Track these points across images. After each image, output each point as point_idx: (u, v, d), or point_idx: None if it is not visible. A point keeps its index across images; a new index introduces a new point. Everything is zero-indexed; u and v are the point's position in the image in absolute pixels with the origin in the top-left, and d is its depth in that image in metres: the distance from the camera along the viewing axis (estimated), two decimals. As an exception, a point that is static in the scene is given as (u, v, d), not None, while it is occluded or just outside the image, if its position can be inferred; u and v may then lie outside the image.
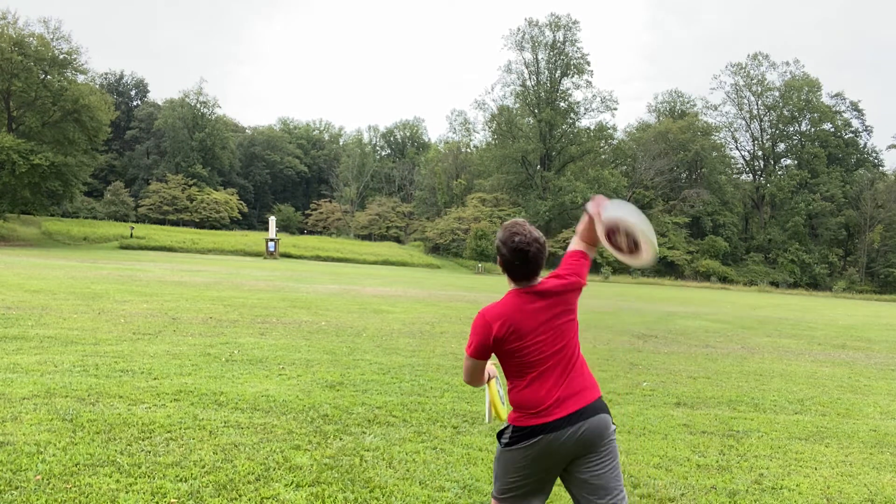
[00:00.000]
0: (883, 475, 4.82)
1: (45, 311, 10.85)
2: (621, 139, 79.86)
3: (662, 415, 6.31)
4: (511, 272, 2.61)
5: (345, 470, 4.18)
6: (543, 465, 2.55)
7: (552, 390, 2.54)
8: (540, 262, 2.60)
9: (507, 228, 2.61)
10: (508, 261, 2.58)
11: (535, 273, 2.62)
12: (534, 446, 2.52)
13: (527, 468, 2.55)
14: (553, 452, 2.51)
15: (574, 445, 2.51)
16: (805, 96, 76.54)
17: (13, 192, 46.40)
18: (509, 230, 2.59)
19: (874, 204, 70.03)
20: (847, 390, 8.43)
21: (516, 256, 2.55)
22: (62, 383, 5.91)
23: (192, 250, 52.02)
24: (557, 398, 2.53)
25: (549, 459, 2.53)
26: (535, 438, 2.52)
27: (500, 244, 2.59)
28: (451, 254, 69.42)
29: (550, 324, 2.59)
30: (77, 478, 3.76)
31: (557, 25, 71.47)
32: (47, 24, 49.56)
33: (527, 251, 2.54)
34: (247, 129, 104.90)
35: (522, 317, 2.58)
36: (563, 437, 2.49)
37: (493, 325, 2.55)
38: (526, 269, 2.58)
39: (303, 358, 8.08)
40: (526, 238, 2.55)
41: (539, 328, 2.57)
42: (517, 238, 2.55)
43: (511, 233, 2.57)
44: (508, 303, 2.61)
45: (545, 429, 2.51)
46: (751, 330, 16.60)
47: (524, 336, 2.56)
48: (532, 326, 2.57)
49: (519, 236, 2.55)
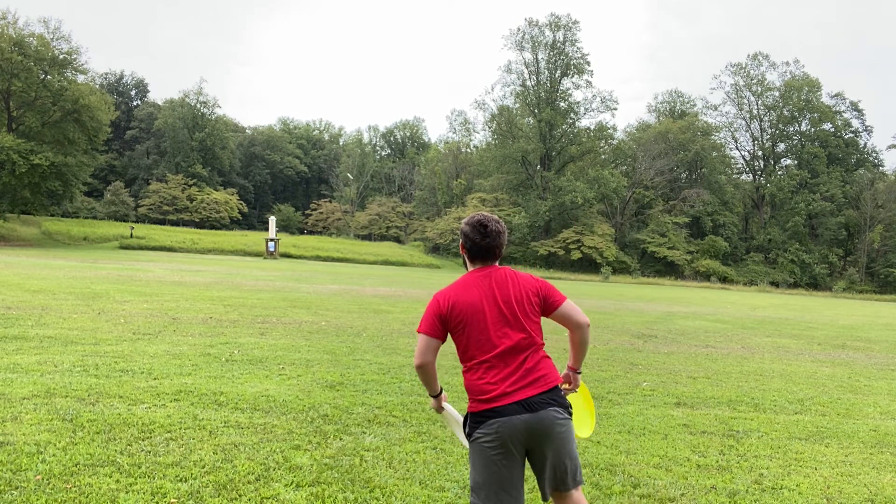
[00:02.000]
0: (883, 475, 4.82)
1: (45, 311, 10.85)
2: (621, 139, 79.81)
3: (662, 415, 6.31)
4: (471, 249, 2.78)
5: (345, 470, 4.18)
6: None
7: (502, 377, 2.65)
8: (499, 241, 2.76)
9: (470, 216, 2.86)
10: (469, 237, 2.76)
11: (494, 252, 2.76)
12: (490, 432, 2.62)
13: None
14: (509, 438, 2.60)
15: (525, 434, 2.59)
16: (805, 96, 76.49)
17: (13, 192, 46.39)
18: (471, 216, 2.85)
19: (874, 204, 70.01)
20: (847, 390, 8.43)
21: (477, 230, 2.74)
22: (62, 383, 5.91)
23: (192, 250, 52.00)
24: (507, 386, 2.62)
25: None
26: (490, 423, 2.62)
27: (463, 225, 2.82)
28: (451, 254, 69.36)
29: (505, 301, 2.69)
30: (77, 478, 3.76)
31: (557, 25, 71.44)
32: (47, 24, 49.61)
33: (486, 224, 2.75)
34: (247, 129, 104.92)
35: (467, 292, 2.70)
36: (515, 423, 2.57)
37: (441, 302, 2.71)
38: (485, 242, 2.74)
39: (303, 358, 8.08)
40: (486, 217, 2.79)
41: (489, 302, 2.68)
42: (477, 216, 2.80)
43: (472, 216, 2.84)
44: (464, 280, 2.75)
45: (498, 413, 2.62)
46: (751, 330, 16.59)
47: (471, 310, 2.68)
48: (478, 301, 2.68)
49: (479, 216, 2.80)
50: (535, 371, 2.64)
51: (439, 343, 2.77)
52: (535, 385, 2.61)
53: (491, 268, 2.77)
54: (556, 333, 12.75)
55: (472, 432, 2.63)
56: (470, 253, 2.79)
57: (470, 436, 2.64)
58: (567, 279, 54.87)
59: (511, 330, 2.65)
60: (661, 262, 67.37)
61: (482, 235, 2.74)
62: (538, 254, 65.48)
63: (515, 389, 2.59)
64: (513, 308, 2.68)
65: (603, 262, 63.05)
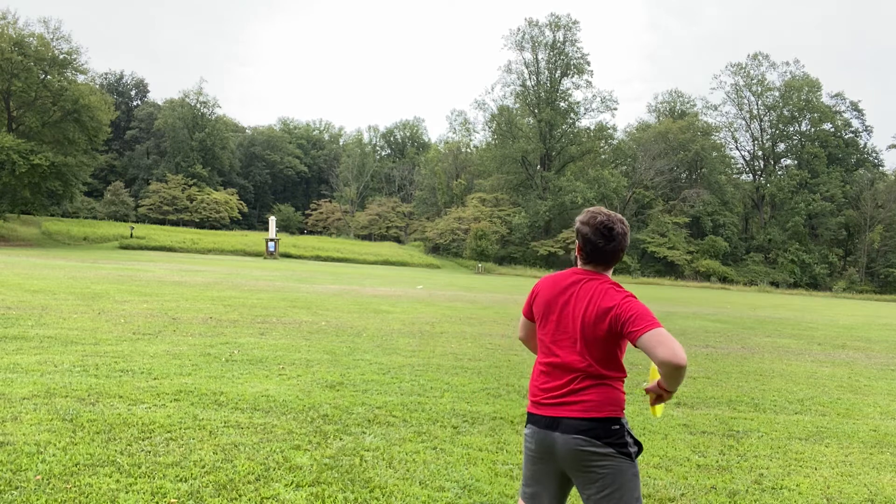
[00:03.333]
0: (883, 475, 4.82)
1: (45, 311, 10.85)
2: (621, 139, 79.81)
3: (662, 415, 6.31)
4: (590, 253, 2.49)
5: (345, 470, 4.18)
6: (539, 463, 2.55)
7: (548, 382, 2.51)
8: (624, 244, 2.49)
9: (587, 213, 2.54)
10: (591, 241, 2.46)
11: (616, 256, 2.50)
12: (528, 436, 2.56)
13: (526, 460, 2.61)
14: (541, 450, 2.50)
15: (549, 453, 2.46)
16: (805, 96, 76.48)
17: (13, 192, 46.39)
18: (590, 213, 2.52)
19: (874, 204, 70.00)
20: (847, 390, 8.43)
21: (601, 234, 2.45)
22: (62, 383, 5.91)
23: (192, 250, 51.99)
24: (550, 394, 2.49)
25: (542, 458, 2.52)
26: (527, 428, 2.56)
27: (581, 225, 2.50)
28: (451, 254, 69.38)
29: (574, 314, 2.45)
30: (77, 478, 3.76)
31: (557, 25, 71.43)
32: (47, 24, 49.61)
33: (612, 227, 2.46)
34: (247, 129, 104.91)
35: (550, 288, 2.56)
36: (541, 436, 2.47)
37: (535, 287, 2.64)
38: (609, 247, 2.46)
39: (303, 358, 8.08)
40: (611, 217, 2.49)
41: (560, 308, 2.51)
42: (601, 217, 2.48)
43: (592, 214, 2.51)
44: (556, 274, 2.62)
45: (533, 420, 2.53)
46: (751, 330, 16.59)
47: (546, 308, 2.56)
48: (554, 301, 2.53)
49: (602, 215, 2.48)
50: (580, 394, 2.39)
51: (532, 324, 2.66)
52: (569, 407, 2.39)
53: (590, 274, 2.49)
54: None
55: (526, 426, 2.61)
56: (588, 257, 2.50)
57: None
58: (567, 279, 54.77)
59: (565, 348, 2.44)
60: (661, 262, 67.37)
61: (607, 240, 2.44)
62: (538, 254, 65.48)
63: (550, 403, 2.43)
64: (576, 327, 2.42)
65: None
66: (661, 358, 2.21)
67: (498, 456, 4.65)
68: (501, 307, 18.70)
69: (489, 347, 10.20)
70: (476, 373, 7.87)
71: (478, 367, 8.33)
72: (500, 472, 4.33)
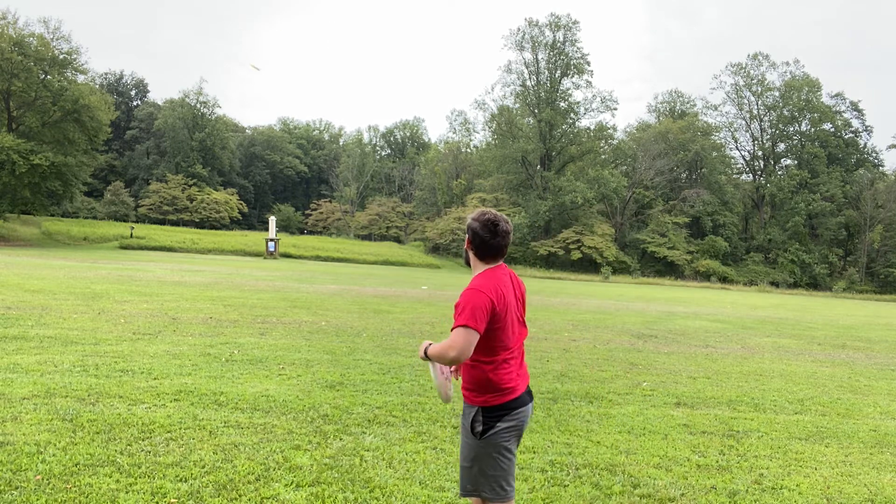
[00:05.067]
0: (883, 475, 4.82)
1: (45, 311, 10.85)
2: (621, 139, 79.78)
3: (662, 415, 6.31)
4: (479, 247, 2.79)
5: (345, 470, 4.18)
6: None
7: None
8: (508, 241, 2.82)
9: (478, 211, 2.88)
10: (480, 235, 2.78)
11: (504, 251, 2.82)
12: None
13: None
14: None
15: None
16: (805, 96, 76.44)
17: (13, 192, 46.35)
18: (480, 212, 2.86)
19: (874, 204, 69.98)
20: (847, 390, 8.43)
21: (488, 229, 2.77)
22: (62, 383, 5.91)
23: (192, 250, 51.98)
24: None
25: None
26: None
27: (472, 221, 2.83)
28: (451, 254, 69.37)
29: (518, 301, 2.88)
30: (77, 478, 3.76)
31: (557, 25, 71.39)
32: (47, 24, 49.55)
33: (497, 223, 2.78)
34: (247, 129, 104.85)
35: (503, 288, 2.78)
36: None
37: (492, 297, 2.72)
38: (495, 241, 2.77)
39: (303, 358, 8.08)
40: (497, 215, 2.82)
41: (511, 304, 2.80)
42: (488, 214, 2.82)
43: (480, 212, 2.85)
44: (491, 276, 2.76)
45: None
46: (751, 330, 16.59)
47: (507, 307, 2.78)
48: (510, 300, 2.81)
49: (490, 214, 2.82)
50: (524, 364, 2.91)
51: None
52: (526, 376, 2.89)
53: (503, 266, 2.86)
54: (555, 334, 12.74)
55: (492, 426, 2.67)
56: (479, 251, 2.81)
57: (485, 432, 2.68)
58: (567, 279, 54.86)
59: (521, 327, 2.87)
60: (661, 262, 67.35)
61: (492, 234, 2.78)
62: (538, 254, 65.47)
63: (522, 380, 2.83)
64: (521, 307, 2.89)
65: (603, 262, 63.04)
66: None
67: (498, 456, 4.65)
68: (501, 307, 18.66)
69: (489, 347, 10.19)
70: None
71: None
72: (500, 472, 4.32)
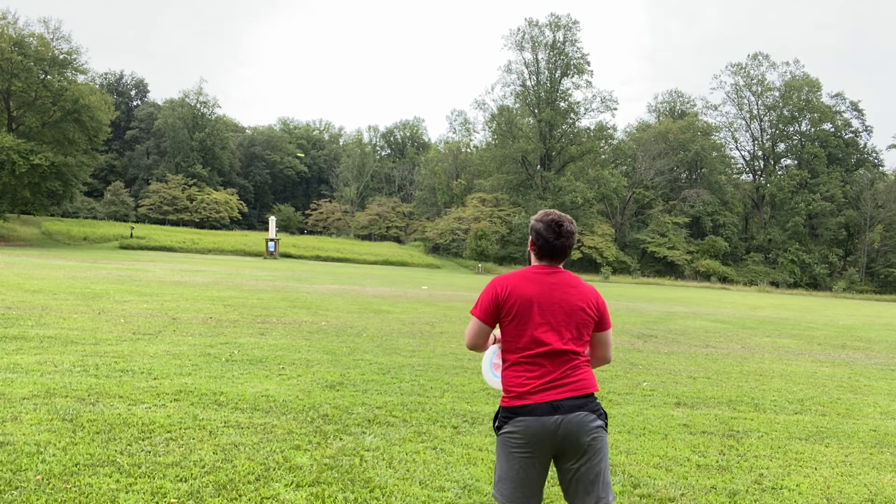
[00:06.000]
0: (883, 475, 4.82)
1: (45, 311, 10.84)
2: (621, 139, 79.77)
3: (662, 415, 6.31)
4: (542, 247, 2.71)
5: (345, 470, 4.18)
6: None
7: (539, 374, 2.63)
8: (571, 242, 2.72)
9: (541, 212, 2.78)
10: (543, 235, 2.69)
11: (565, 252, 2.72)
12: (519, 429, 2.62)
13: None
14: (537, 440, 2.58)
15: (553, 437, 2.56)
16: (805, 96, 76.45)
17: (13, 192, 46.34)
18: (543, 212, 2.77)
19: (874, 204, 69.99)
20: (847, 390, 8.43)
21: (552, 230, 2.69)
22: (62, 383, 5.90)
23: (192, 250, 51.98)
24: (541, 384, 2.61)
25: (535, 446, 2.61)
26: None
27: (535, 222, 2.74)
28: (451, 254, 69.39)
29: (561, 304, 2.64)
30: (77, 478, 3.76)
31: (557, 25, 71.39)
32: (47, 24, 49.57)
33: (561, 224, 2.70)
34: (247, 129, 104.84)
35: (524, 285, 2.67)
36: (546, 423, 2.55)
37: (498, 288, 2.68)
38: (559, 242, 2.69)
39: (303, 358, 8.08)
40: (561, 216, 2.73)
41: (537, 305, 2.64)
42: (552, 215, 2.73)
43: (545, 213, 2.76)
44: (521, 272, 2.72)
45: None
46: (751, 330, 16.59)
47: (527, 304, 2.64)
48: (539, 296, 2.65)
49: (554, 214, 2.73)
50: (572, 376, 2.59)
51: (489, 329, 2.75)
52: (567, 388, 2.57)
53: (555, 269, 2.73)
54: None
55: (501, 426, 2.63)
56: (540, 251, 2.72)
57: (499, 429, 2.65)
58: (567, 279, 54.77)
59: (557, 335, 2.61)
60: (661, 262, 67.37)
61: (556, 235, 2.68)
62: (538, 254, 65.39)
63: (546, 389, 2.56)
64: (567, 314, 2.64)
65: (603, 261, 63.06)
66: (607, 355, 2.83)
67: (498, 456, 4.65)
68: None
69: (489, 347, 10.18)
70: (476, 373, 7.87)
71: (478, 367, 8.32)
72: (500, 472, 4.32)
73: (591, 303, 2.68)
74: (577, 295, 2.66)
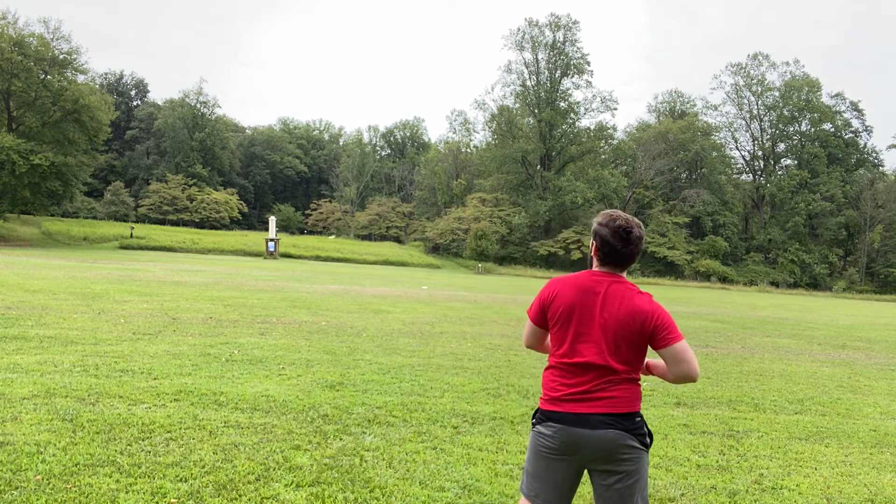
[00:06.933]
0: (883, 475, 4.82)
1: (45, 311, 10.84)
2: (621, 139, 79.77)
3: (662, 415, 6.31)
4: (608, 255, 2.54)
5: (345, 470, 4.18)
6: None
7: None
8: (639, 249, 2.54)
9: (605, 215, 2.59)
10: (609, 243, 2.52)
11: (632, 259, 2.56)
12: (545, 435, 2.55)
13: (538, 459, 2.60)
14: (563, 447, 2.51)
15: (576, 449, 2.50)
16: (805, 96, 76.48)
17: (13, 192, 46.34)
18: (608, 215, 2.57)
19: (874, 204, 70.01)
20: (847, 390, 8.43)
21: (619, 237, 2.51)
22: (62, 383, 5.90)
23: (192, 250, 51.98)
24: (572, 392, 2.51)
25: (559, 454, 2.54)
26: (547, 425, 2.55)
27: (599, 226, 2.56)
28: (451, 254, 69.37)
29: (603, 316, 2.49)
30: (77, 478, 3.75)
31: (557, 25, 71.42)
32: (47, 24, 49.56)
33: (630, 230, 2.51)
34: (247, 129, 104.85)
35: (569, 290, 2.56)
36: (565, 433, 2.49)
37: (546, 290, 2.61)
38: (627, 250, 2.52)
39: (303, 358, 8.08)
40: (630, 221, 2.54)
41: (587, 309, 2.50)
42: (620, 220, 2.53)
43: (611, 217, 2.56)
44: (573, 276, 2.61)
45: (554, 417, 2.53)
46: (751, 330, 16.59)
47: (569, 310, 2.54)
48: (580, 303, 2.52)
49: (622, 219, 2.54)
50: (606, 391, 2.46)
51: (542, 331, 2.68)
52: (598, 403, 2.45)
53: (611, 277, 2.54)
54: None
55: (536, 424, 2.61)
56: (606, 258, 2.55)
57: (534, 426, 2.62)
58: (567, 279, 54.75)
59: (595, 347, 2.48)
60: (661, 262, 67.35)
61: (625, 242, 2.50)
62: (538, 254, 65.48)
63: (576, 400, 2.47)
64: (608, 329, 2.47)
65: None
66: (683, 371, 2.46)
67: (498, 456, 4.65)
68: (501, 307, 18.70)
69: (489, 347, 10.20)
70: (476, 373, 7.87)
71: (478, 367, 8.32)
72: (500, 472, 4.32)
73: (639, 317, 2.45)
74: (620, 309, 2.47)
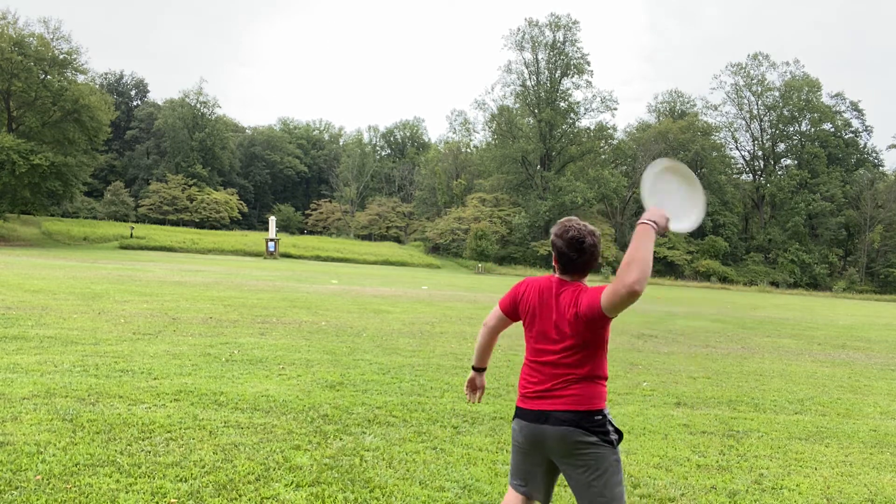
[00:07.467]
0: (883, 475, 4.82)
1: (45, 311, 10.84)
2: (621, 139, 79.73)
3: (662, 415, 6.31)
4: (566, 265, 2.66)
5: (345, 470, 4.18)
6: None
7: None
8: (595, 255, 2.63)
9: (560, 225, 2.67)
10: (565, 254, 2.63)
11: (589, 267, 2.66)
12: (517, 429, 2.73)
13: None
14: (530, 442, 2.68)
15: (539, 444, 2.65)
16: (805, 96, 76.45)
17: (13, 192, 46.34)
18: (563, 226, 2.65)
19: (874, 204, 70.00)
20: (847, 390, 8.43)
21: (573, 247, 2.60)
22: (62, 383, 5.90)
23: (192, 250, 51.99)
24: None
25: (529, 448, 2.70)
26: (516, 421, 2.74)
27: (555, 237, 2.65)
28: (451, 254, 69.37)
29: (553, 313, 2.63)
30: (77, 478, 3.76)
31: (557, 25, 71.40)
32: (47, 24, 49.58)
33: (582, 240, 2.60)
34: (247, 129, 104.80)
35: (533, 291, 2.72)
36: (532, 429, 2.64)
37: (521, 285, 2.78)
38: (581, 260, 2.62)
39: (303, 358, 8.08)
40: (581, 231, 2.61)
41: (544, 313, 2.67)
42: (572, 231, 2.61)
43: (565, 228, 2.64)
44: (539, 278, 2.77)
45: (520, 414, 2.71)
46: (751, 330, 16.59)
47: (532, 313, 2.70)
48: (539, 307, 2.69)
49: (574, 230, 2.61)
50: (566, 389, 2.55)
51: (506, 320, 2.84)
52: (559, 401, 2.55)
53: (567, 284, 2.64)
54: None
55: (513, 420, 2.78)
56: (564, 268, 2.66)
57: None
58: (567, 279, 54.77)
59: (551, 349, 2.60)
60: (661, 262, 67.33)
61: (579, 253, 2.60)
62: (538, 254, 65.47)
63: (539, 397, 2.61)
64: (562, 330, 2.58)
65: (603, 262, 63.02)
66: (625, 280, 2.32)
67: (498, 456, 4.65)
68: (501, 307, 18.66)
69: (489, 347, 10.18)
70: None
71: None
72: (500, 472, 4.32)
73: (571, 308, 2.54)
74: (563, 305, 2.58)
